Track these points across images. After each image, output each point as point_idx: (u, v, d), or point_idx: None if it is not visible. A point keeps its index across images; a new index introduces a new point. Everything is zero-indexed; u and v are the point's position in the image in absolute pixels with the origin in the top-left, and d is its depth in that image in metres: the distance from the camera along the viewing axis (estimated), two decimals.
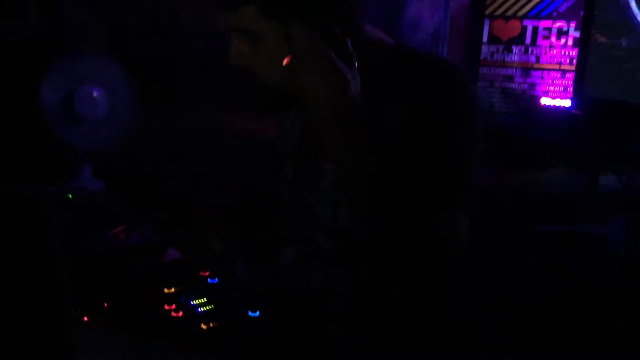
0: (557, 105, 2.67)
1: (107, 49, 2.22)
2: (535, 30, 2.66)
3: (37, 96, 2.09)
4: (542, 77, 2.69)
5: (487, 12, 2.64)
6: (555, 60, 2.68)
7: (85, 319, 1.00)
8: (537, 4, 2.59)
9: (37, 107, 2.09)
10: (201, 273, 1.23)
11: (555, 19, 2.65)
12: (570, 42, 2.66)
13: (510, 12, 2.60)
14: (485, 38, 2.67)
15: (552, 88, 2.69)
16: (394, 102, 1.04)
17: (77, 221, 1.57)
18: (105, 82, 2.17)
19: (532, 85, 2.69)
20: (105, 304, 1.05)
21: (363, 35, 1.07)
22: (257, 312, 1.07)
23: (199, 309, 1.08)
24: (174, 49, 2.49)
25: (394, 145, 1.02)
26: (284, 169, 1.25)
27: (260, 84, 1.10)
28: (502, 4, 2.60)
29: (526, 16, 2.64)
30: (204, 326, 1.01)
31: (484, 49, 2.67)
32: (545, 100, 2.70)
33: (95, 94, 2.15)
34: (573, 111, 2.62)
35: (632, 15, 2.52)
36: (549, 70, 2.68)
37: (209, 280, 1.20)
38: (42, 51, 2.23)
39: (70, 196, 1.87)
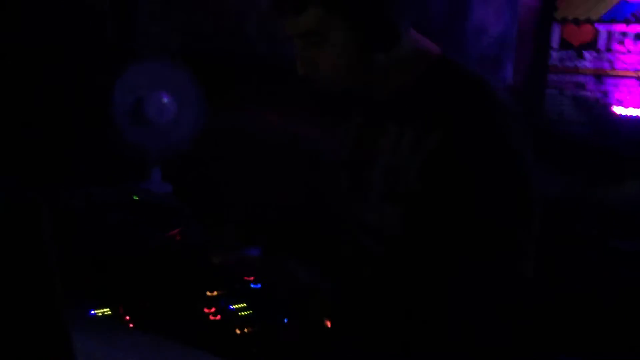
0: (632, 115, 2.52)
1: (177, 56, 2.30)
2: (609, 34, 2.51)
3: (112, 101, 2.20)
4: (616, 85, 2.55)
5: (557, 15, 2.52)
6: (631, 67, 2.53)
7: (127, 318, 1.04)
8: (611, 7, 2.44)
9: (111, 111, 2.20)
10: (245, 278, 1.24)
11: (631, 23, 2.50)
12: None
13: (582, 16, 2.48)
14: (555, 43, 2.55)
15: (628, 97, 2.53)
16: (428, 122, 1.04)
17: (138, 221, 1.63)
18: (174, 88, 2.26)
19: (606, 94, 2.55)
20: (147, 304, 1.08)
21: (406, 43, 1.07)
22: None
23: (238, 314, 1.10)
24: (240, 55, 2.55)
25: (432, 171, 1.02)
26: (336, 176, 1.26)
27: (323, 90, 1.12)
28: (574, 7, 2.48)
29: (599, 20, 2.50)
30: (238, 331, 1.03)
31: (554, 54, 2.55)
32: (619, 110, 2.55)
33: (164, 99, 2.25)
34: None
35: None
36: (624, 77, 2.53)
37: (251, 285, 1.22)
38: (117, 59, 2.34)
39: (136, 198, 1.96)
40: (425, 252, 1.05)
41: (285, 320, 1.07)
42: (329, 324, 1.06)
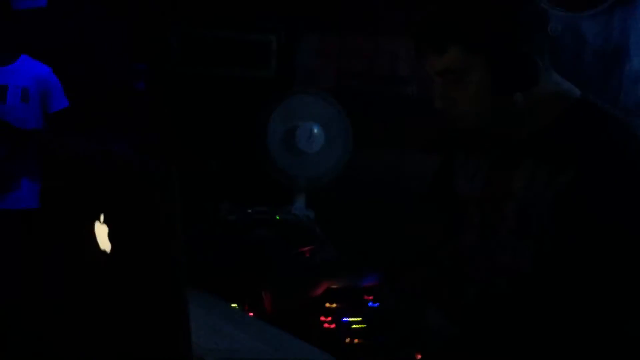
0: None
1: (330, 92, 2.46)
2: None
3: (268, 130, 2.41)
4: None
5: None
6: None
7: (251, 314, 1.16)
8: None
9: (267, 139, 2.41)
10: (365, 297, 1.30)
11: None
12: None
13: None
14: None
15: None
16: (562, 160, 1.04)
17: (276, 237, 1.78)
18: (324, 121, 2.42)
19: None
20: (270, 306, 1.19)
21: (545, 83, 1.08)
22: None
23: (351, 326, 1.16)
24: (389, 95, 2.66)
25: (564, 210, 1.02)
26: (466, 212, 1.27)
27: (459, 127, 1.16)
28: None
29: None
30: (348, 340, 1.09)
31: None
32: None
33: (315, 130, 2.41)
34: None
35: None
36: None
37: (369, 303, 1.27)
38: (276, 92, 2.57)
39: (278, 217, 2.13)
40: (554, 290, 1.04)
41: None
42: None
